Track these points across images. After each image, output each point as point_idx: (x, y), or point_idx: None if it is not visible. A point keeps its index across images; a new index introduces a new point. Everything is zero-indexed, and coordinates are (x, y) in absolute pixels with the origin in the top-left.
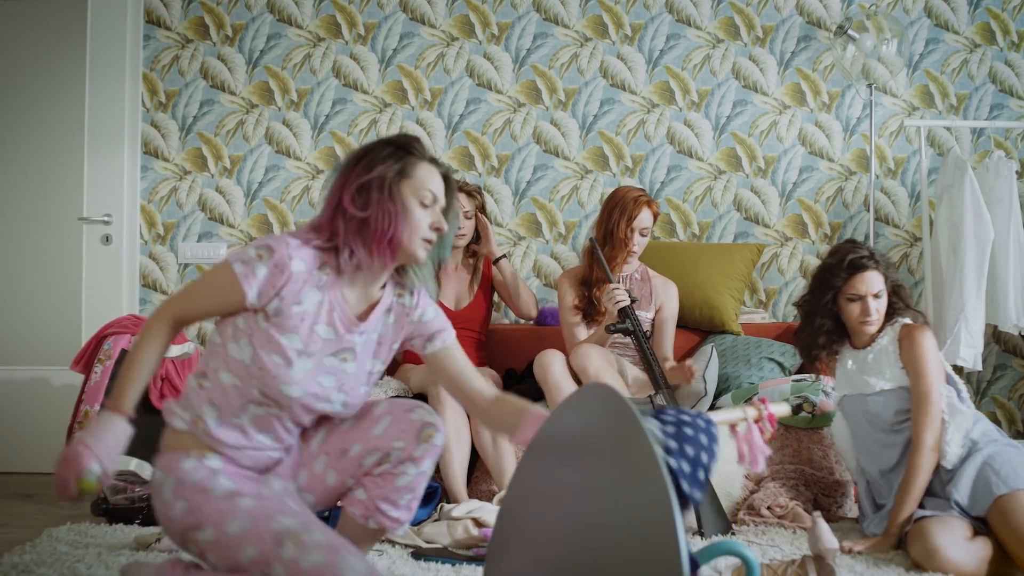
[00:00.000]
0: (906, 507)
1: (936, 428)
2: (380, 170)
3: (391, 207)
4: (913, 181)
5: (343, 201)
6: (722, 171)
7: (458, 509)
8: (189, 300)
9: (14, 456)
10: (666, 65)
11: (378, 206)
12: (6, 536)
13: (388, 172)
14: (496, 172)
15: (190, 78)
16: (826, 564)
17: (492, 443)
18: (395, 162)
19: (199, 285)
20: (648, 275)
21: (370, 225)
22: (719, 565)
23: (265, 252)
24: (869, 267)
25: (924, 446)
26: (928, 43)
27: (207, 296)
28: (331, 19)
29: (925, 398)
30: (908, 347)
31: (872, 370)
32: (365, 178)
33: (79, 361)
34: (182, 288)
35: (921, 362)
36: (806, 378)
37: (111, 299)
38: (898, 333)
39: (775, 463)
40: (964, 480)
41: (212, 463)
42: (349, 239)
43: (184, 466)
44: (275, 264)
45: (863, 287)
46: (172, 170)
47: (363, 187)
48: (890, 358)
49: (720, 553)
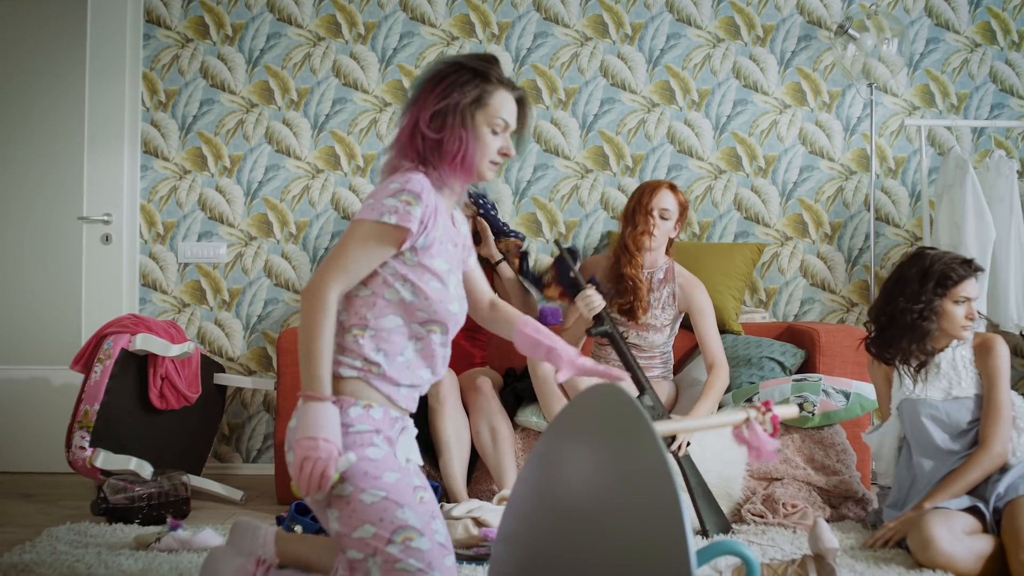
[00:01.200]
0: (945, 495)
1: (1007, 435)
2: (456, 96)
3: (463, 132)
4: (914, 181)
5: (419, 123)
6: (722, 170)
7: (458, 509)
8: (350, 267)
9: (14, 456)
10: (666, 64)
11: (451, 130)
12: (6, 536)
13: (464, 99)
14: (496, 171)
15: (190, 77)
16: (826, 564)
17: (492, 443)
18: (473, 88)
19: (353, 250)
20: (673, 274)
21: (444, 146)
22: (719, 565)
23: (411, 197)
24: (976, 269)
25: (992, 451)
26: (929, 42)
27: (368, 257)
28: (331, 18)
29: (999, 406)
30: (985, 355)
31: (948, 376)
32: (441, 104)
33: (79, 361)
34: (333, 259)
35: (998, 371)
36: (806, 378)
37: (111, 299)
38: (972, 341)
39: (786, 462)
40: (1008, 476)
41: (376, 414)
42: (430, 158)
43: (352, 412)
44: (425, 204)
45: (972, 290)
46: (172, 169)
47: (438, 112)
48: (967, 366)
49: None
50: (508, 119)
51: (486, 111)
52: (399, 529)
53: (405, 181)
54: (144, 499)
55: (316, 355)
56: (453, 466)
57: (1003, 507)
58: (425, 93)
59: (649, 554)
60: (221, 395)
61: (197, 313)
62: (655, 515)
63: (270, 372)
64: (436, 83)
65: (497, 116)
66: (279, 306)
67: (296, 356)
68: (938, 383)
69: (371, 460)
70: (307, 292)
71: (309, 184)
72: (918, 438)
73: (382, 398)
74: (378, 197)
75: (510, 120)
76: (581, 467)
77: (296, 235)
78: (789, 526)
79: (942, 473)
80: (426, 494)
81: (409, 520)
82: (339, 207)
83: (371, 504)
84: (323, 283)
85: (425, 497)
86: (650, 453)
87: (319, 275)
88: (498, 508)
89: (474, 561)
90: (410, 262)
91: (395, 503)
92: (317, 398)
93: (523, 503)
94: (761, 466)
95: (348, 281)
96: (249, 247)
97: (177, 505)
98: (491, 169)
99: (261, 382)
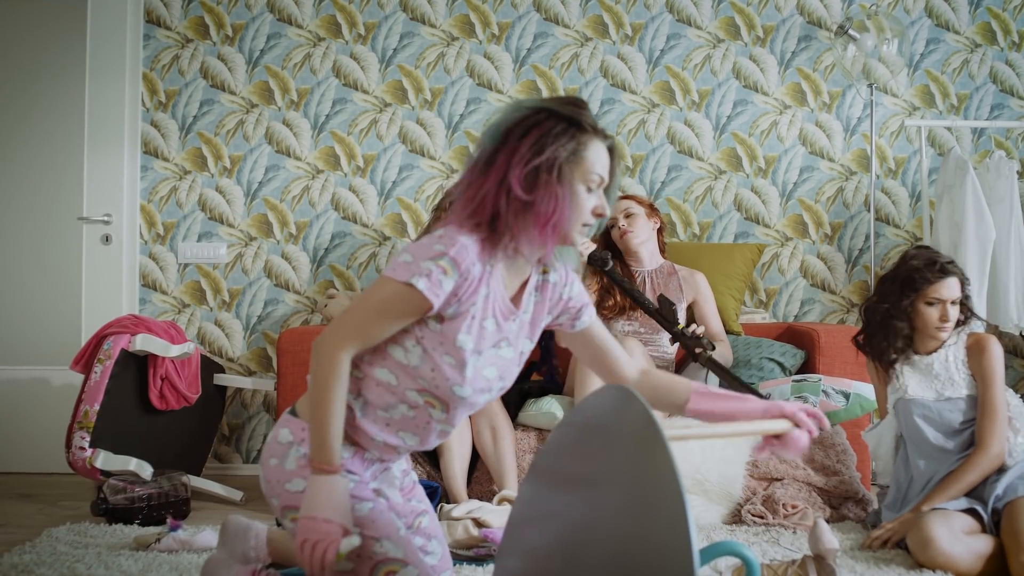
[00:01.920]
0: (944, 496)
1: (1003, 436)
2: (551, 151)
3: (559, 191)
4: (914, 181)
5: (509, 180)
6: (722, 171)
7: (458, 509)
8: (367, 328)
9: (14, 456)
10: (666, 65)
11: (545, 189)
12: (6, 536)
13: (560, 154)
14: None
15: (190, 78)
16: (826, 564)
17: (492, 443)
18: (568, 140)
19: (372, 310)
20: (675, 269)
21: (535, 209)
22: (719, 565)
23: (450, 266)
24: (954, 272)
25: (989, 452)
26: (929, 43)
27: (387, 319)
28: (331, 19)
29: (994, 407)
30: (978, 356)
31: (941, 377)
32: (537, 161)
33: (79, 361)
34: (349, 315)
35: (992, 371)
36: (806, 378)
37: (111, 299)
38: (965, 341)
39: (786, 463)
40: (1007, 477)
41: (344, 452)
42: (511, 221)
43: None
44: (462, 275)
45: (946, 291)
46: (172, 170)
47: (533, 169)
48: (960, 367)
49: (720, 553)
50: (603, 174)
51: (582, 167)
52: (379, 564)
53: (451, 245)
54: (144, 500)
55: (326, 422)
56: (454, 467)
57: (1002, 508)
58: (512, 145)
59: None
60: (221, 396)
61: (197, 313)
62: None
63: (270, 373)
64: (524, 134)
65: (593, 171)
66: (279, 306)
67: (296, 357)
68: (930, 384)
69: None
70: (320, 349)
71: (309, 184)
72: (913, 437)
73: (348, 441)
74: (417, 256)
75: (605, 175)
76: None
77: (296, 235)
78: (789, 527)
79: (938, 472)
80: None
81: (389, 552)
82: (339, 207)
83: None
84: (336, 345)
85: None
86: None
87: (333, 332)
88: (498, 508)
89: (474, 561)
90: (433, 328)
91: (371, 538)
92: (326, 471)
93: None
94: (762, 466)
95: (363, 345)
96: (249, 247)
97: (177, 506)
98: (582, 232)
99: (261, 383)
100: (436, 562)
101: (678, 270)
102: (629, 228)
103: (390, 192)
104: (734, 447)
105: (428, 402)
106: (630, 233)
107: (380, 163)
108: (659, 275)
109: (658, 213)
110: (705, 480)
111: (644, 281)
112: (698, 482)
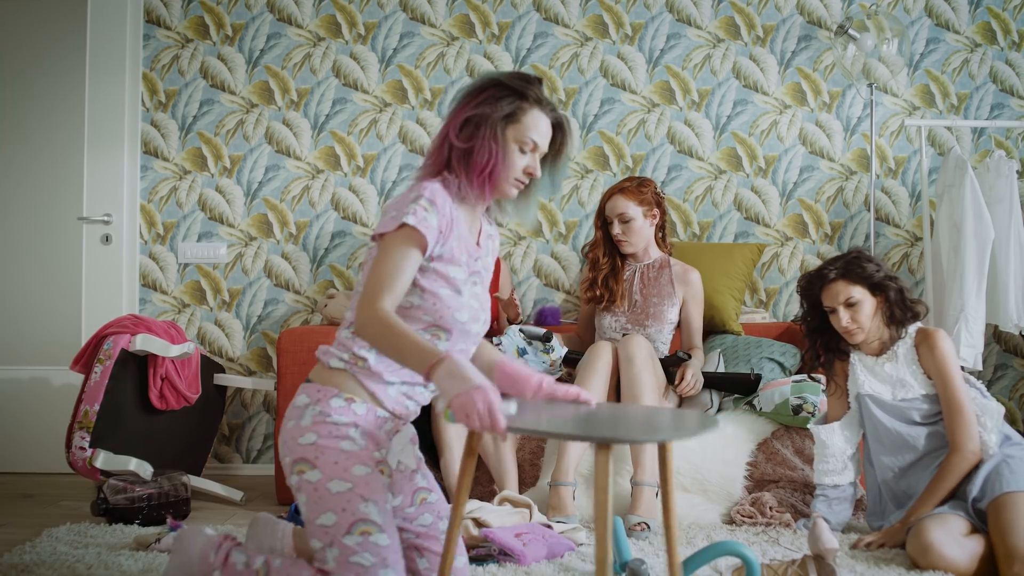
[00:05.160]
0: (929, 504)
1: (974, 432)
2: (489, 108)
3: (492, 145)
4: (914, 181)
5: (450, 132)
6: (722, 171)
7: None
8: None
9: (14, 456)
10: (666, 65)
11: (481, 140)
12: (6, 536)
13: (497, 113)
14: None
15: (190, 78)
16: (826, 564)
17: (493, 443)
18: (508, 104)
19: (386, 265)
20: (668, 263)
21: (473, 158)
22: (719, 565)
23: (428, 204)
24: (828, 278)
25: (963, 451)
26: (929, 43)
27: (402, 265)
28: (331, 19)
29: (957, 405)
30: (928, 353)
31: (893, 380)
32: (473, 112)
33: (79, 361)
34: (371, 281)
35: (945, 368)
36: (806, 378)
37: (111, 299)
38: (913, 339)
39: (785, 463)
40: (980, 474)
41: (357, 408)
42: (456, 167)
43: (333, 402)
44: (439, 211)
45: (828, 299)
46: (172, 170)
47: (470, 120)
48: (911, 366)
49: (720, 553)
50: (538, 140)
51: (517, 128)
52: (359, 522)
53: (422, 188)
54: (144, 500)
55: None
56: (455, 466)
57: (986, 508)
58: (463, 102)
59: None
60: (221, 395)
61: (197, 313)
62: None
63: (270, 372)
64: (473, 96)
65: (527, 134)
66: (279, 306)
67: (296, 356)
68: (883, 386)
69: (343, 452)
70: (363, 318)
71: (309, 184)
72: (874, 431)
73: (366, 395)
74: (398, 207)
75: (540, 141)
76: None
77: (296, 235)
78: (774, 524)
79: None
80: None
81: (371, 515)
82: (339, 207)
83: (336, 493)
84: (373, 307)
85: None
86: None
87: (366, 300)
88: (498, 508)
89: (474, 561)
90: (426, 268)
91: (360, 496)
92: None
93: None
94: (759, 468)
95: (394, 296)
96: (249, 247)
97: (177, 506)
98: (515, 187)
99: (261, 383)
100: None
101: (672, 264)
102: (623, 237)
103: (390, 192)
104: (734, 447)
105: (434, 335)
106: (624, 243)
107: (380, 163)
108: (651, 270)
109: (658, 204)
110: (705, 480)
111: (635, 276)
112: (698, 482)
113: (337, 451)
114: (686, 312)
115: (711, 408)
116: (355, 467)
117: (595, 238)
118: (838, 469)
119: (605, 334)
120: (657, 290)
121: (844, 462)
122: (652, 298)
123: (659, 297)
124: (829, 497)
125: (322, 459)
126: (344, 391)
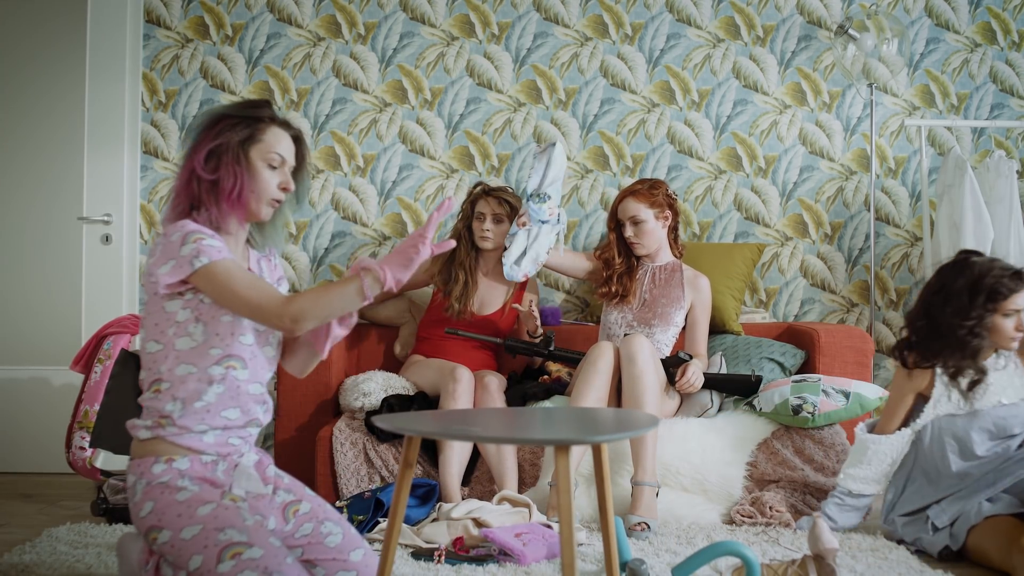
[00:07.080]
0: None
1: None
2: (227, 136)
3: (236, 169)
4: (914, 181)
5: (195, 166)
6: (722, 171)
7: (458, 510)
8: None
9: (14, 456)
10: (666, 64)
11: (226, 168)
12: (6, 536)
13: (235, 137)
14: (496, 172)
15: (190, 78)
16: (826, 564)
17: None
18: (244, 128)
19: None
20: (680, 267)
21: (221, 186)
22: (719, 565)
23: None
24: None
25: None
26: (929, 42)
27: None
28: (331, 19)
29: None
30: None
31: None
32: (214, 143)
33: (79, 361)
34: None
35: None
36: (806, 379)
37: (111, 299)
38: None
39: (785, 463)
40: None
41: (180, 465)
42: (206, 200)
43: (154, 469)
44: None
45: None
46: (172, 170)
47: (212, 152)
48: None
49: (720, 553)
50: (284, 154)
51: (260, 147)
52: (224, 549)
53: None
54: None
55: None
56: (452, 464)
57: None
58: (199, 137)
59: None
60: None
61: None
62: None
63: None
64: (208, 128)
65: (272, 151)
66: None
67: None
68: (986, 395)
69: (181, 503)
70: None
71: (308, 184)
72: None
73: (182, 450)
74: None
75: (286, 155)
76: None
77: (296, 235)
78: (774, 524)
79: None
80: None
81: (232, 537)
82: (339, 207)
83: (192, 538)
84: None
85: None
86: None
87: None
88: (498, 508)
89: (474, 562)
90: (204, 301)
91: (214, 529)
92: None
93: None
94: (760, 467)
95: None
96: None
97: None
98: (270, 206)
99: None
100: (340, 541)
101: (684, 270)
102: (636, 239)
103: (390, 192)
104: (734, 448)
105: (229, 366)
106: (637, 245)
107: (380, 163)
108: (663, 272)
109: (671, 206)
110: (705, 480)
111: (646, 275)
112: (698, 482)
113: (175, 505)
114: (692, 318)
115: (711, 408)
116: (199, 509)
117: (608, 240)
118: (875, 479)
119: (610, 329)
120: (666, 292)
121: (883, 474)
122: (661, 299)
123: (667, 299)
124: (844, 502)
125: (165, 518)
126: (162, 455)
